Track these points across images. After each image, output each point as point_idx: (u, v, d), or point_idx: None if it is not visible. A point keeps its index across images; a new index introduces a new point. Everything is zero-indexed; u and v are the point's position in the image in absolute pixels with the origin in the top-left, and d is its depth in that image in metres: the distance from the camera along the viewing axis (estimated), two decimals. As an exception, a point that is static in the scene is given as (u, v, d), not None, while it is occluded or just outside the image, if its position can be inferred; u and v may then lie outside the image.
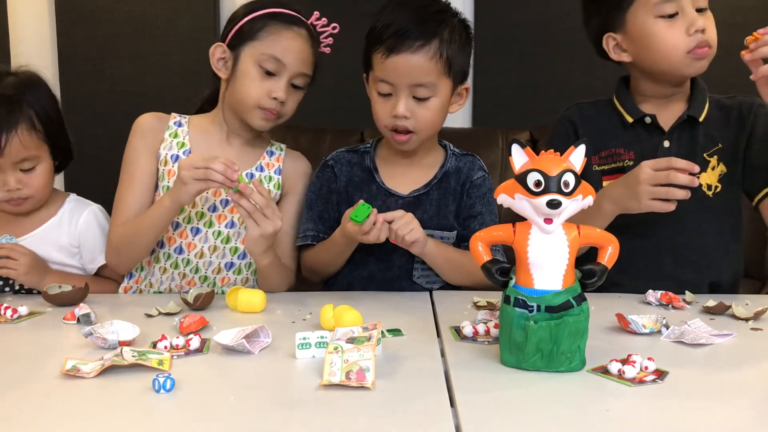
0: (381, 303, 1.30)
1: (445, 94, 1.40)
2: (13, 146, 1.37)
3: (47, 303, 1.28)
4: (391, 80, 1.37)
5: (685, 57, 1.36)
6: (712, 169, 1.42)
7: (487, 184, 1.50)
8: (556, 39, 2.46)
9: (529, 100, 2.49)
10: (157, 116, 1.51)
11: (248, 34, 1.41)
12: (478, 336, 1.09)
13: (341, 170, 1.51)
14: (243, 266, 1.48)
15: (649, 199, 1.26)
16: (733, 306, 1.21)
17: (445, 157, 1.51)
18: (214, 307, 1.27)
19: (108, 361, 0.94)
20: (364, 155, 1.52)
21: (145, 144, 1.47)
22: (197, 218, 1.45)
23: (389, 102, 1.39)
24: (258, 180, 1.45)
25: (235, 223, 1.46)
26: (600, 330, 1.12)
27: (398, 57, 1.35)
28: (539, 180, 0.90)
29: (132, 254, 1.43)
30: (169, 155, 1.46)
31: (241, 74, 1.42)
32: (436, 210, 1.46)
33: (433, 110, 1.39)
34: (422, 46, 1.34)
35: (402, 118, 1.38)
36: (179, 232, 1.45)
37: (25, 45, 2.61)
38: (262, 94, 1.41)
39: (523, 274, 0.95)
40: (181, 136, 1.49)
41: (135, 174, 1.46)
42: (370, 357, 0.90)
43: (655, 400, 0.86)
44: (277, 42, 1.40)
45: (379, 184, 1.49)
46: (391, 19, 1.37)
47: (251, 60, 1.41)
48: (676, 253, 1.43)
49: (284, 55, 1.40)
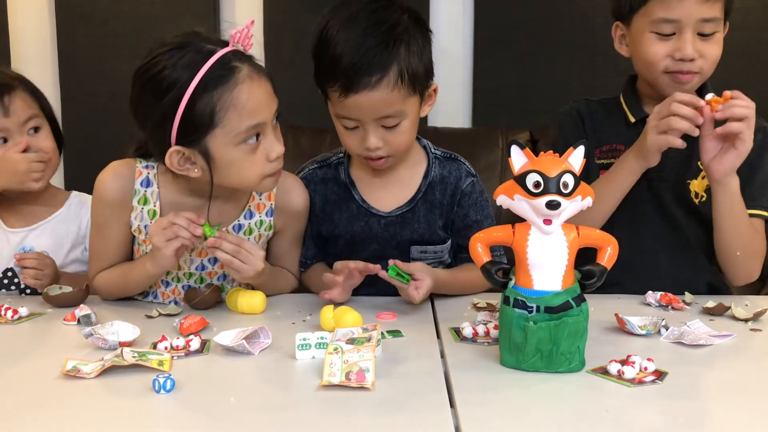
0: (381, 304, 1.30)
1: (413, 111, 1.31)
2: (17, 105, 1.44)
3: (48, 304, 1.28)
4: (354, 116, 1.28)
5: (663, 76, 1.36)
6: (702, 178, 1.42)
7: (477, 189, 1.42)
8: (556, 39, 2.45)
9: (529, 100, 2.48)
10: (120, 177, 1.28)
11: (201, 125, 1.14)
12: (478, 337, 1.09)
13: (315, 190, 1.41)
14: None
15: (657, 133, 1.26)
16: (732, 307, 1.21)
17: (428, 163, 1.41)
18: (214, 308, 1.27)
19: (108, 361, 0.94)
20: (338, 168, 1.41)
21: (113, 215, 1.29)
22: (186, 278, 1.34)
23: (357, 134, 1.30)
24: (226, 230, 1.28)
25: (227, 275, 1.35)
26: (599, 331, 1.12)
27: (357, 96, 1.23)
28: (538, 181, 0.90)
29: (123, 295, 1.35)
30: (142, 225, 1.29)
31: (225, 164, 1.18)
32: (425, 227, 1.39)
33: (405, 133, 1.31)
34: (381, 79, 1.23)
35: (375, 150, 1.30)
36: (171, 290, 1.35)
37: (25, 45, 2.61)
38: (262, 165, 1.20)
39: (522, 274, 0.95)
40: (151, 201, 1.28)
41: (107, 237, 1.32)
42: (369, 358, 0.90)
43: (654, 401, 0.86)
44: (242, 111, 1.15)
45: (358, 202, 1.39)
46: (340, 50, 1.24)
47: (228, 146, 1.16)
48: (674, 254, 1.43)
49: (258, 114, 1.17)
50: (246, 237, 1.32)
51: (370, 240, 1.40)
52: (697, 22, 1.32)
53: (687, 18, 1.31)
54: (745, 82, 1.29)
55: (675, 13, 1.31)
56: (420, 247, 1.38)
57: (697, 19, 1.31)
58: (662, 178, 1.41)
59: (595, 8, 2.38)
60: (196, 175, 1.20)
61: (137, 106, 1.21)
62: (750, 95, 1.28)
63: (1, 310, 1.21)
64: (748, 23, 2.28)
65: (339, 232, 1.41)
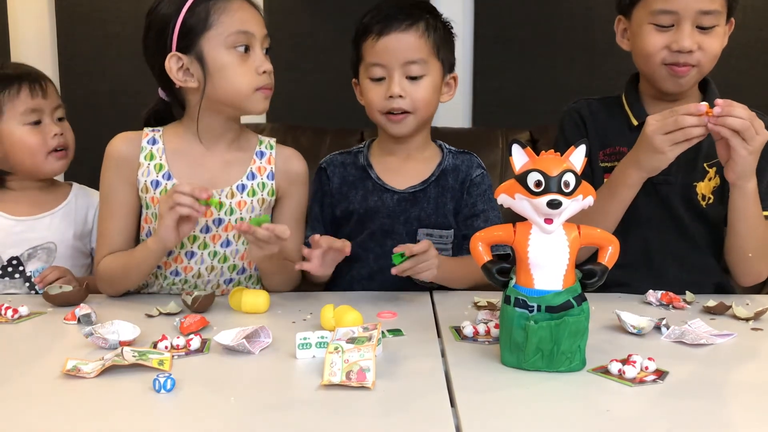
0: (381, 303, 1.30)
1: (436, 75, 1.44)
2: (51, 90, 1.53)
3: (48, 303, 1.28)
4: (383, 62, 1.41)
5: (661, 68, 1.36)
6: (708, 179, 1.42)
7: (486, 182, 1.50)
8: (556, 39, 2.45)
9: (529, 100, 2.48)
10: (128, 139, 1.40)
11: (197, 28, 1.31)
12: (479, 336, 1.09)
13: (333, 172, 1.52)
14: (242, 279, 1.44)
15: (670, 146, 1.24)
16: (733, 306, 1.21)
17: (442, 155, 1.51)
18: (214, 308, 1.26)
19: (108, 361, 0.94)
20: (358, 155, 1.53)
21: (119, 175, 1.37)
22: (190, 242, 1.37)
23: (382, 86, 1.43)
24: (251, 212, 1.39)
25: (231, 242, 1.39)
26: (600, 330, 1.12)
27: (389, 37, 1.40)
28: (539, 180, 0.90)
29: (125, 286, 1.37)
30: (149, 182, 1.36)
31: (217, 69, 1.31)
32: (434, 207, 1.46)
33: (426, 89, 1.42)
34: (411, 25, 1.41)
35: (397, 98, 1.40)
36: (174, 257, 1.38)
37: (25, 45, 2.61)
38: (252, 76, 1.32)
39: (523, 274, 0.95)
40: (158, 156, 1.37)
41: (114, 207, 1.38)
42: (370, 357, 0.90)
43: (655, 400, 0.86)
44: (233, 16, 1.32)
45: (374, 180, 1.49)
46: (377, 9, 1.44)
47: (220, 49, 1.31)
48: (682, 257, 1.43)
49: (248, 24, 1.33)
50: (249, 198, 1.40)
51: (381, 214, 1.47)
52: (697, 14, 1.31)
53: (685, 10, 1.31)
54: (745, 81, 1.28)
55: (674, 5, 1.31)
56: (427, 230, 1.42)
57: (697, 10, 1.31)
58: (669, 181, 1.40)
59: (595, 8, 2.38)
60: (194, 86, 1.33)
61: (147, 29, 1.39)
62: (750, 95, 1.27)
63: (1, 309, 1.21)
64: (748, 22, 2.28)
65: (353, 208, 1.48)
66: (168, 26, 1.32)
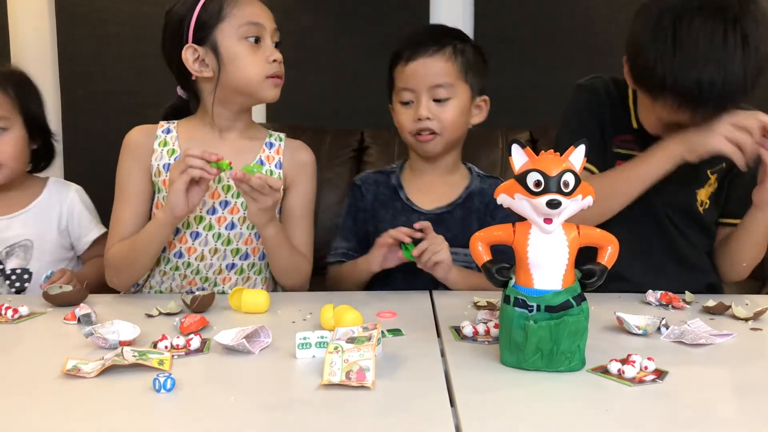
0: (381, 303, 1.30)
1: (463, 97, 1.50)
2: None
3: (48, 303, 1.28)
4: (411, 86, 1.48)
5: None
6: (708, 186, 1.42)
7: None
8: (556, 39, 2.46)
9: (529, 100, 2.49)
10: (145, 129, 1.47)
11: (211, 20, 1.39)
12: (478, 336, 1.09)
13: (368, 189, 1.60)
14: (245, 266, 1.47)
15: (724, 136, 1.24)
16: (733, 306, 1.21)
17: (470, 179, 1.57)
18: (214, 308, 1.27)
19: (108, 361, 0.94)
20: (390, 175, 1.60)
21: (135, 161, 1.44)
22: (196, 222, 1.42)
23: (411, 109, 1.50)
24: None
25: (236, 225, 1.44)
26: (600, 330, 1.13)
27: (416, 62, 1.47)
28: (539, 180, 0.90)
29: (131, 273, 1.40)
30: (161, 165, 1.43)
31: (230, 59, 1.39)
32: (459, 229, 1.50)
33: (452, 111, 1.48)
34: (437, 51, 1.47)
35: (425, 120, 1.47)
36: (179, 238, 1.43)
37: (25, 45, 2.61)
38: (263, 65, 1.39)
39: (522, 273, 0.95)
40: (171, 142, 1.45)
41: (129, 192, 1.43)
42: (370, 357, 0.90)
43: (654, 400, 0.86)
44: (244, 9, 1.40)
45: (403, 201, 1.55)
46: (409, 37, 1.52)
47: (233, 39, 1.38)
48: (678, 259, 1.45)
49: (258, 17, 1.40)
50: None
51: None
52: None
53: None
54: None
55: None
56: (452, 249, 1.42)
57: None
58: (670, 184, 1.37)
59: (595, 8, 2.38)
60: (209, 75, 1.40)
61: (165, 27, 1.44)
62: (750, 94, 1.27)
63: (1, 309, 1.21)
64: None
65: (383, 227, 1.50)
66: (184, 21, 1.40)
